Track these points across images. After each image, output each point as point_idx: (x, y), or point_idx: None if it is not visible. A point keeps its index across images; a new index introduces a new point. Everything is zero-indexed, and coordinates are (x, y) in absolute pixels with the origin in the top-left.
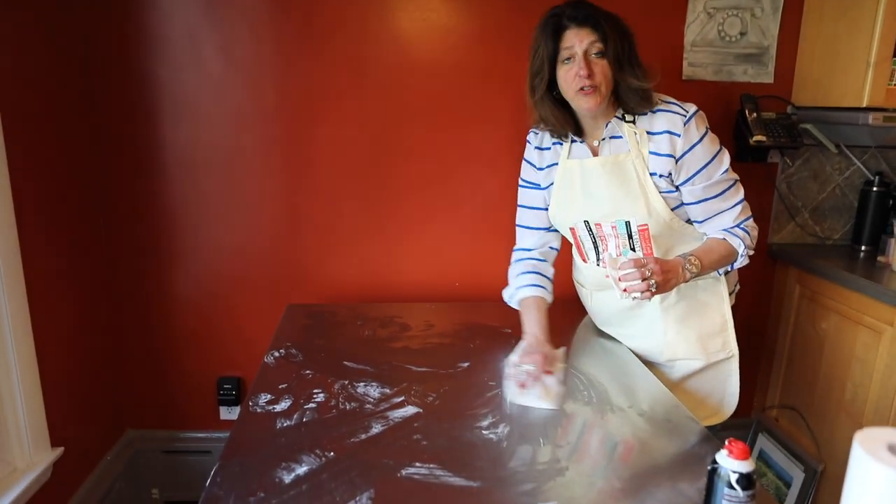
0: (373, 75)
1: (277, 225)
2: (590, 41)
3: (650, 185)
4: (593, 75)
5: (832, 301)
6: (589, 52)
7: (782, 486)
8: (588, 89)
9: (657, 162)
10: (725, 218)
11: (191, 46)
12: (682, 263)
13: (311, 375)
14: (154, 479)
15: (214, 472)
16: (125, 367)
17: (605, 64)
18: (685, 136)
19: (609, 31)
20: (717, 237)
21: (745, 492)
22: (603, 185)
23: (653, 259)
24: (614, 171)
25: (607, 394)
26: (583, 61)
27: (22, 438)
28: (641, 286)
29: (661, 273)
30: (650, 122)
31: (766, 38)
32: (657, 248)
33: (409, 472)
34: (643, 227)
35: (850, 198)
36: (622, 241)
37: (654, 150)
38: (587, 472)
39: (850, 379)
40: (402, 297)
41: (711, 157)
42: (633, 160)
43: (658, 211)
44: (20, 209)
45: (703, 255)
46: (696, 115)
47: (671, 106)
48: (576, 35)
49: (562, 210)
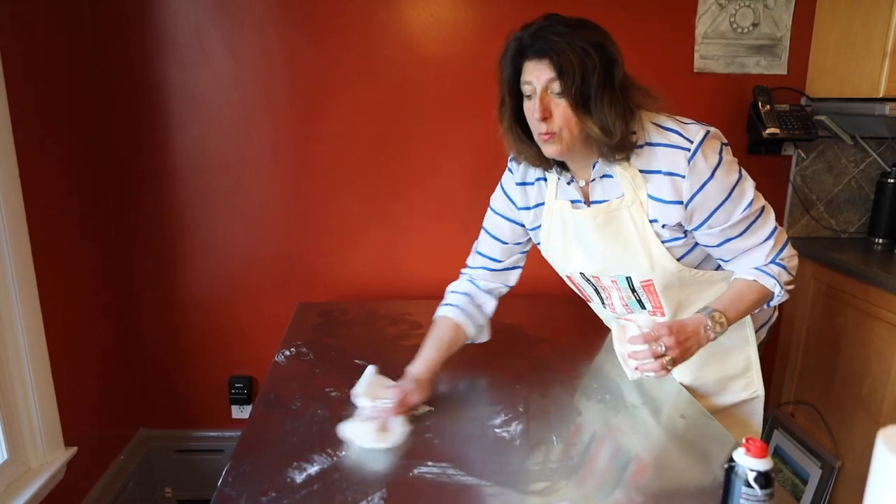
0: (381, 71)
1: (287, 223)
2: (548, 77)
3: (651, 236)
4: (551, 119)
5: (848, 295)
6: (550, 90)
7: (799, 483)
8: (546, 135)
9: (658, 209)
10: (756, 255)
11: (198, 46)
12: (703, 323)
13: (322, 374)
14: (167, 478)
15: (226, 471)
16: (137, 367)
17: (566, 105)
18: (692, 175)
19: (567, 66)
20: (745, 278)
21: (763, 490)
22: (596, 240)
23: (666, 328)
24: (608, 222)
25: (620, 391)
26: (538, 102)
27: (36, 438)
28: (654, 365)
29: (678, 345)
30: (647, 158)
31: (779, 29)
32: (667, 301)
33: (421, 472)
34: (647, 283)
35: (865, 190)
36: (625, 294)
37: (653, 193)
38: (601, 471)
39: (867, 374)
40: (413, 294)
41: (728, 192)
42: (628, 207)
43: (663, 264)
44: (31, 211)
45: (730, 305)
46: (704, 143)
47: (671, 136)
48: (534, 69)
49: (554, 257)
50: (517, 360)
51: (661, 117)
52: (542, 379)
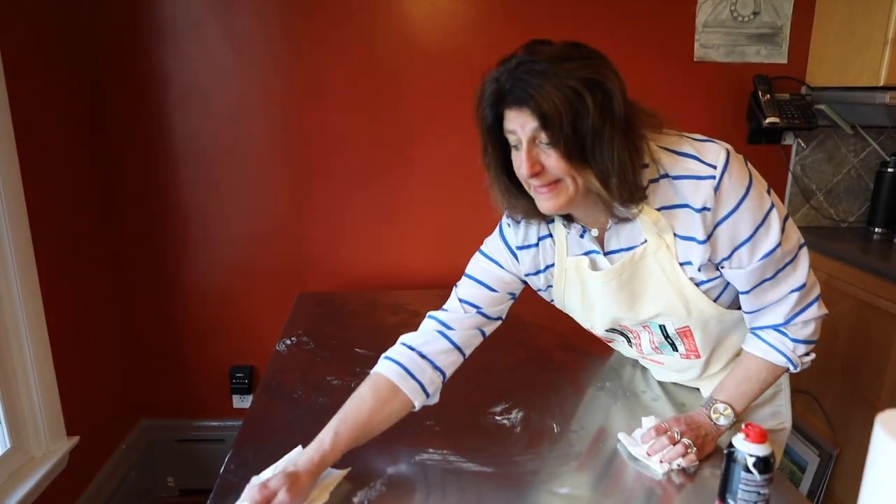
0: (381, 61)
1: (287, 214)
2: (533, 127)
3: (684, 281)
4: (545, 171)
5: (847, 284)
6: (538, 140)
7: (797, 471)
8: (542, 189)
9: (688, 249)
10: (777, 312)
11: (199, 36)
12: (707, 414)
13: (323, 363)
14: (168, 467)
15: (228, 458)
16: (138, 357)
17: (558, 156)
18: (717, 205)
19: (553, 115)
20: (753, 354)
21: (762, 475)
22: (624, 298)
23: (674, 420)
24: (635, 275)
25: (620, 379)
26: (525, 155)
27: (38, 428)
28: (679, 450)
29: (691, 430)
30: (667, 193)
31: (779, 18)
32: (703, 344)
33: (422, 458)
34: (683, 329)
35: (865, 179)
36: (657, 338)
37: (680, 232)
38: (600, 458)
39: (865, 363)
40: (413, 285)
41: (758, 222)
42: (654, 254)
43: (700, 309)
44: (31, 201)
45: (736, 390)
46: (728, 166)
47: (689, 164)
48: (517, 118)
49: (573, 310)
50: (517, 347)
51: (670, 139)
52: (543, 367)
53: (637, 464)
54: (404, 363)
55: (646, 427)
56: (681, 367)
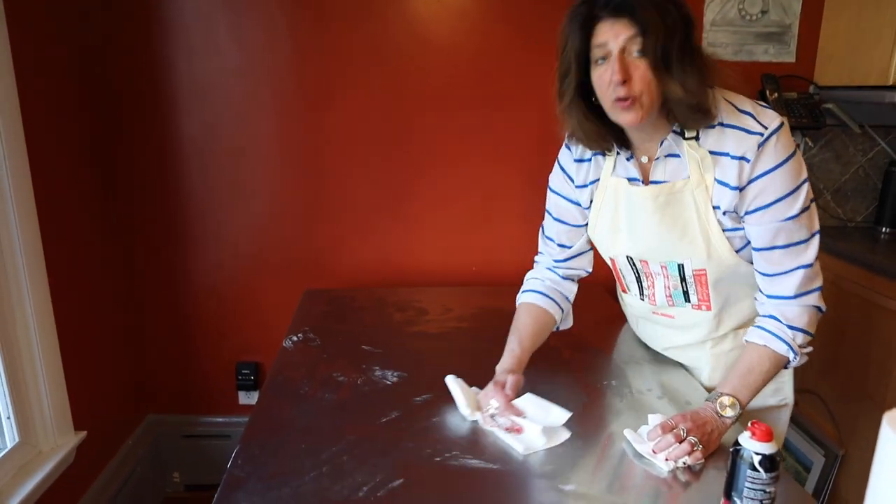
0: (388, 59)
1: (294, 210)
2: (627, 36)
3: (713, 223)
4: (630, 82)
5: (854, 284)
6: (627, 51)
7: (802, 471)
8: (625, 101)
9: (722, 194)
10: (787, 284)
11: (206, 33)
12: (713, 408)
13: (329, 359)
14: (175, 463)
15: (235, 454)
16: (145, 353)
17: (646, 66)
18: (758, 160)
19: (651, 22)
20: (756, 343)
21: (769, 474)
22: (654, 222)
23: (681, 416)
24: (669, 204)
25: (626, 377)
26: (617, 63)
27: (46, 422)
28: (682, 448)
29: (697, 428)
30: (717, 139)
31: (787, 16)
32: (716, 295)
33: (428, 455)
34: (700, 272)
35: (873, 179)
36: (672, 282)
37: (720, 177)
38: (607, 454)
39: (871, 363)
40: (420, 282)
41: (786, 192)
42: (692, 190)
43: (721, 254)
44: (40, 198)
45: (740, 383)
46: (779, 132)
47: (745, 119)
48: (610, 28)
49: (600, 237)
50: None
51: (737, 97)
52: (549, 364)
53: (643, 461)
54: (541, 290)
55: (652, 424)
56: (691, 321)
